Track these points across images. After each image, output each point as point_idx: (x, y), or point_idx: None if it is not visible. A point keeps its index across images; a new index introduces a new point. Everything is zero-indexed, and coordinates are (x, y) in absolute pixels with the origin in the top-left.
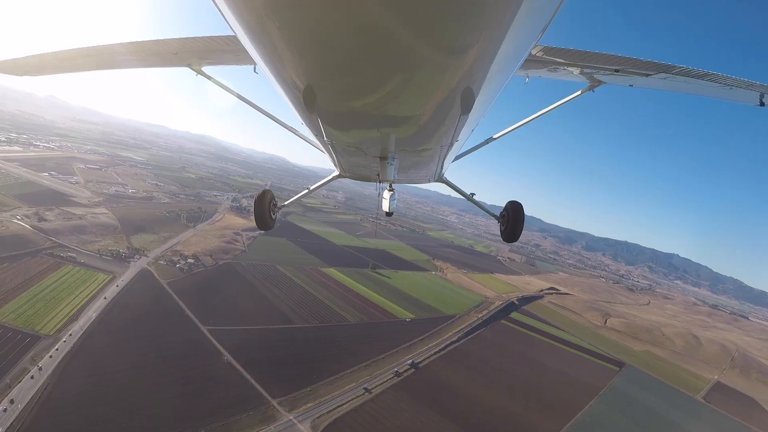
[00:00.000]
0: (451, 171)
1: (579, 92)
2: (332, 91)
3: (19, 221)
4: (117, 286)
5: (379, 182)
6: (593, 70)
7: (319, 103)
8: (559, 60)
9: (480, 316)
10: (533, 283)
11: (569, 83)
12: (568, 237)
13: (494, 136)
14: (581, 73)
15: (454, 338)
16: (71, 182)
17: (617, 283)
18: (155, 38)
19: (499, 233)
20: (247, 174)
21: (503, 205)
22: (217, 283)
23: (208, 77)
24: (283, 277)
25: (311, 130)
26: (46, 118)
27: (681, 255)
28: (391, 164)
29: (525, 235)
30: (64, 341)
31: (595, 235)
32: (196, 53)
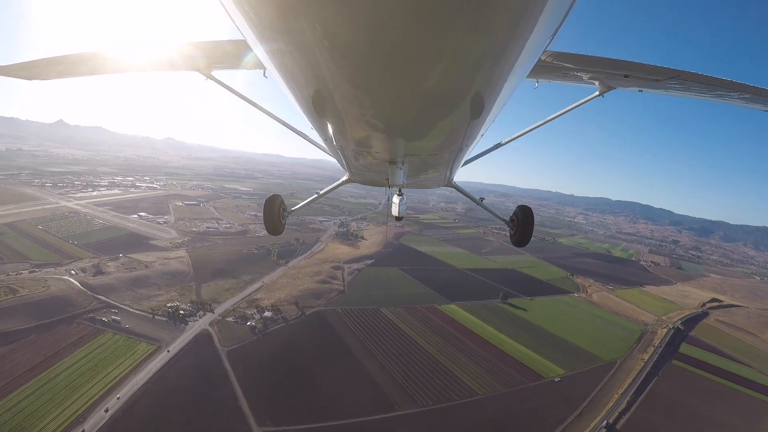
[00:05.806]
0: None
1: (589, 97)
2: (342, 96)
3: (68, 278)
4: (141, 372)
5: (389, 187)
6: (603, 76)
7: (329, 108)
8: (568, 65)
9: (646, 357)
10: (690, 294)
11: (578, 88)
12: (704, 228)
13: (503, 141)
14: (591, 78)
15: (623, 404)
16: (159, 222)
17: None
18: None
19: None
20: (360, 194)
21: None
22: (295, 347)
23: (218, 81)
24: (388, 326)
25: (321, 135)
26: (161, 159)
27: None
28: (400, 169)
29: (659, 230)
30: None
31: (731, 223)
32: (205, 57)
